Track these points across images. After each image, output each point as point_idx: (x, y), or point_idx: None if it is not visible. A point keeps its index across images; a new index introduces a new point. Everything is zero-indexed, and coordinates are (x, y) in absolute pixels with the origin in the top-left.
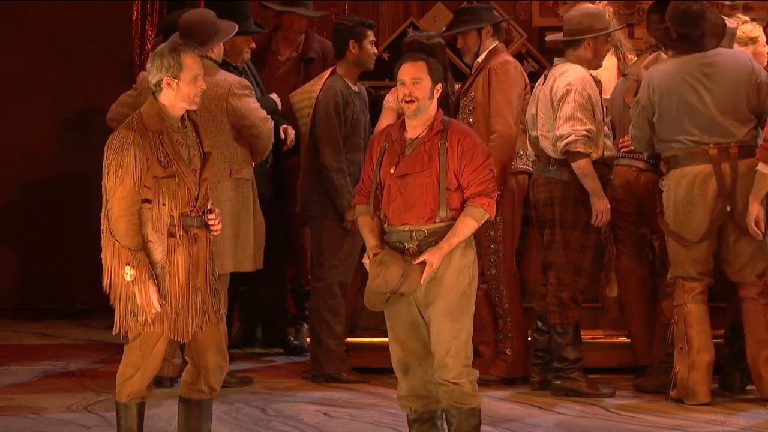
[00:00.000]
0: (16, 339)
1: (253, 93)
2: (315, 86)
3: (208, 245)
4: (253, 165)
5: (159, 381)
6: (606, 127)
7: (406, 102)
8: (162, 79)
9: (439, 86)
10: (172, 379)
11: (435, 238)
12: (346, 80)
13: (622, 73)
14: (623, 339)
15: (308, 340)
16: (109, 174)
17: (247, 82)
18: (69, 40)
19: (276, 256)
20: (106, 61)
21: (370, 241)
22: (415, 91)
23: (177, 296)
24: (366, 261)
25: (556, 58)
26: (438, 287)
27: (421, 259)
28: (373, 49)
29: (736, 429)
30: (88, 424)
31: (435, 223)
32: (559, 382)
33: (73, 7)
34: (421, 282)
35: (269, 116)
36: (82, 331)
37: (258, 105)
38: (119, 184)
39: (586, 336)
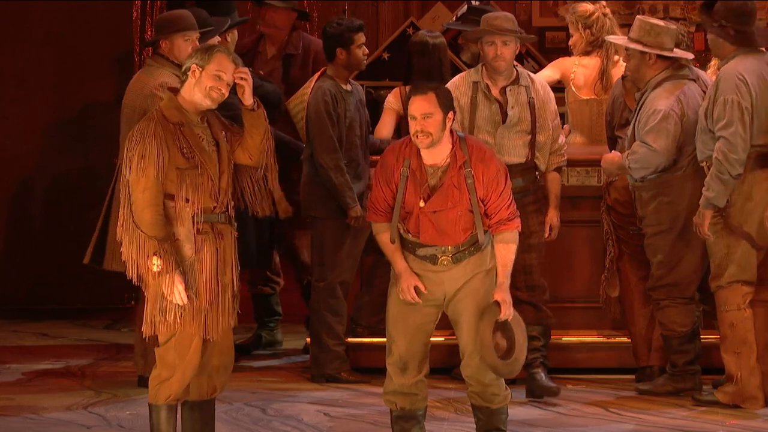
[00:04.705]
0: (16, 339)
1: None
2: (306, 89)
3: (233, 242)
4: None
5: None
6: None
7: (419, 137)
8: (190, 66)
9: (450, 114)
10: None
11: (466, 248)
12: (336, 80)
13: (601, 72)
14: (623, 339)
15: (308, 339)
16: (132, 166)
17: (171, 85)
18: (69, 40)
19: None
20: (106, 61)
21: (399, 264)
22: (427, 127)
23: (206, 293)
24: (406, 292)
25: None
26: (473, 291)
27: (495, 298)
28: (363, 51)
29: (736, 429)
30: (88, 424)
31: (467, 239)
32: None
33: (73, 7)
34: (507, 317)
35: None
36: (82, 331)
37: None
38: (142, 175)
39: (586, 336)
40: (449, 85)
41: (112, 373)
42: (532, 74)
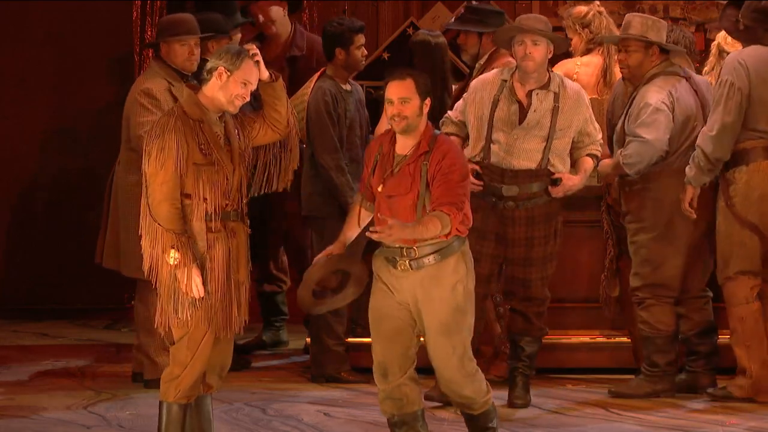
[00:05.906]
0: (16, 339)
1: (156, 104)
2: (306, 89)
3: (246, 239)
4: None
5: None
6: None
7: (396, 121)
8: (217, 67)
9: (427, 101)
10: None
11: (425, 255)
12: (336, 80)
13: (603, 69)
14: (623, 339)
15: (308, 339)
16: (150, 159)
17: (153, 92)
18: (69, 40)
19: None
20: (106, 61)
21: (341, 235)
22: (404, 111)
23: (216, 292)
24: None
25: None
26: (430, 304)
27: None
28: (362, 52)
29: (736, 429)
30: (88, 424)
31: (424, 242)
32: None
33: (73, 7)
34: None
35: None
36: (82, 331)
37: (149, 119)
38: (160, 168)
39: (586, 336)
40: (481, 78)
41: (112, 373)
42: (568, 81)
